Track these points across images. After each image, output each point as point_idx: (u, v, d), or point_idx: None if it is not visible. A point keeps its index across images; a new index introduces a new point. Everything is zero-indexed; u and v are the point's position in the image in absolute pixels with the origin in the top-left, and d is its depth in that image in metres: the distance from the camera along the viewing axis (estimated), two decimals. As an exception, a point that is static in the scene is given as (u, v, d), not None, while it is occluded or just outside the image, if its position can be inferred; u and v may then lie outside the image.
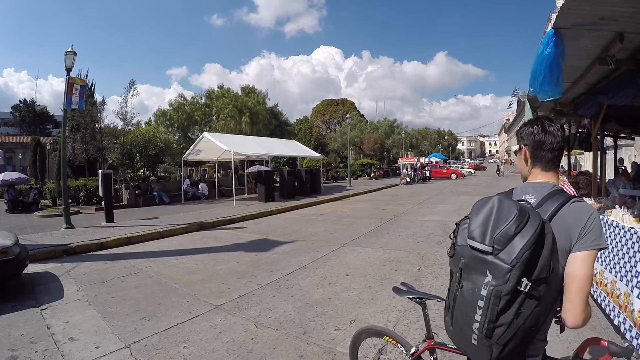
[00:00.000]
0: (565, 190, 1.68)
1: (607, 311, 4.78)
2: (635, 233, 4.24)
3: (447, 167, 50.08)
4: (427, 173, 41.86)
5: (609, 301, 4.71)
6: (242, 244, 10.01)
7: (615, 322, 4.44)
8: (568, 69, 4.83)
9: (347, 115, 39.59)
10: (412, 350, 2.53)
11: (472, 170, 54.12)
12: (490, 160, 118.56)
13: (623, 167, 11.45)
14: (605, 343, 1.70)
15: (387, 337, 2.76)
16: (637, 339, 3.76)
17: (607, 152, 9.05)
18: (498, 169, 48.42)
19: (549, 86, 3.67)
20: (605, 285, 4.88)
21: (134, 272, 7.39)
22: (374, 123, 64.91)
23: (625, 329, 4.12)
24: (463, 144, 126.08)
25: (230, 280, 6.70)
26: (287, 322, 4.92)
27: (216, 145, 19.79)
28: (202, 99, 41.05)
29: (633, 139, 12.47)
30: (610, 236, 4.99)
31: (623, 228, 4.61)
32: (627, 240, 4.45)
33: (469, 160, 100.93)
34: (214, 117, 39.32)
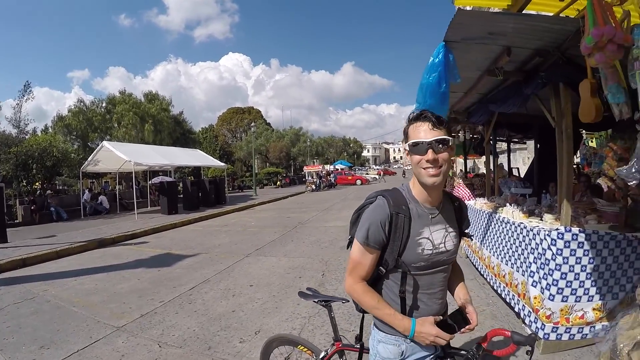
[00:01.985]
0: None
1: (507, 300, 5.22)
2: (525, 227, 4.69)
3: (352, 173, 51.40)
4: (333, 180, 42.71)
5: (508, 291, 5.14)
6: (144, 259, 9.57)
7: (516, 310, 4.85)
8: (461, 79, 5.11)
9: (252, 124, 39.05)
10: (322, 354, 2.58)
11: (377, 176, 55.88)
12: (394, 166, 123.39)
13: (516, 168, 12.42)
14: (509, 333, 1.84)
15: (298, 346, 2.79)
16: (536, 323, 4.14)
17: (498, 155, 9.78)
18: (404, 173, 50.81)
19: (433, 99, 3.75)
20: (504, 277, 5.33)
21: (30, 297, 6.77)
22: (280, 131, 65.21)
23: (525, 314, 4.52)
24: (368, 151, 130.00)
25: (131, 299, 6.40)
26: (191, 339, 4.78)
27: (117, 155, 18.42)
28: (102, 104, 38.55)
29: (525, 143, 13.59)
30: (502, 231, 5.48)
31: (514, 224, 5.08)
32: (518, 234, 4.91)
33: (374, 166, 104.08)
34: (115, 125, 37.12)
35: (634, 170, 2.68)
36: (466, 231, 2.02)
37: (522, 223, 4.83)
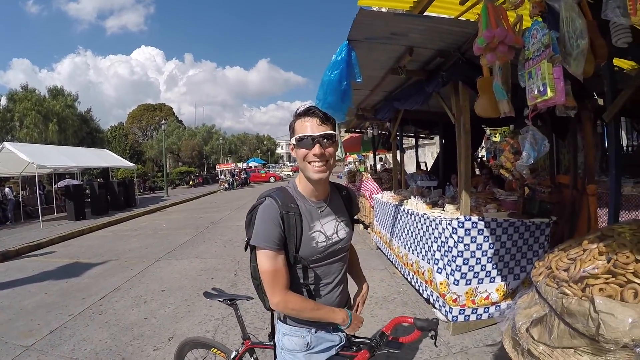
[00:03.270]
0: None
1: (416, 287, 5.49)
2: (428, 218, 4.97)
3: (266, 171, 51.20)
4: (246, 178, 42.31)
5: (417, 278, 5.41)
6: (51, 271, 8.84)
7: (425, 295, 5.14)
8: (365, 78, 5.10)
9: (163, 122, 37.32)
10: (233, 354, 2.58)
11: (291, 173, 56.03)
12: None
13: (424, 162, 13.00)
14: (412, 320, 1.95)
15: (211, 348, 2.78)
16: (444, 307, 4.44)
17: (405, 150, 10.16)
18: None
19: (334, 97, 3.80)
20: (412, 265, 5.62)
21: None
22: (192, 129, 62.75)
23: (433, 299, 4.82)
24: (282, 148, 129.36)
25: (39, 315, 5.90)
26: (104, 351, 4.53)
27: (19, 157, 16.71)
28: (0, 100, 34.49)
29: (432, 138, 14.26)
30: (408, 222, 5.76)
31: (418, 215, 5.36)
32: (422, 224, 5.19)
33: (288, 163, 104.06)
34: (17, 124, 33.64)
35: (524, 163, 2.94)
36: (356, 217, 2.13)
37: (425, 214, 5.11)
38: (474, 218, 4.27)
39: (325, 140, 1.75)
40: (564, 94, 2.44)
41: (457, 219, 4.27)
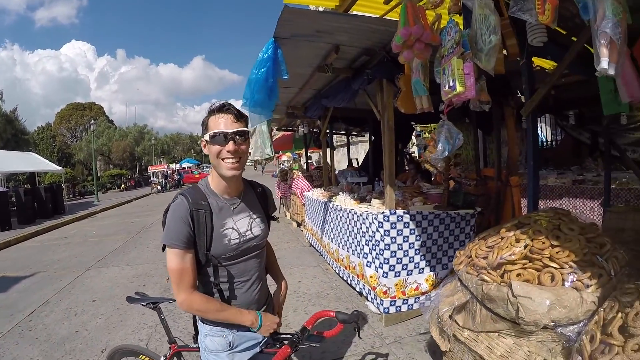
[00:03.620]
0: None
1: (349, 281, 5.57)
2: (355, 213, 5.06)
3: (199, 171, 50.13)
4: (179, 179, 41.31)
5: (349, 273, 5.50)
6: None
7: (358, 289, 5.22)
8: (294, 75, 5.21)
9: (92, 122, 35.25)
10: None
11: (227, 172, 55.11)
12: (248, 162, 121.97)
13: (355, 159, 13.20)
14: (333, 314, 2.01)
15: (140, 355, 2.73)
16: (376, 299, 4.53)
17: (335, 147, 10.26)
18: (255, 168, 51.01)
19: (261, 94, 3.82)
20: (342, 261, 5.70)
21: None
22: (123, 129, 59.49)
23: (365, 293, 4.91)
24: None
25: None
26: None
27: None
28: None
29: (364, 135, 14.48)
30: (337, 219, 5.84)
31: (346, 210, 5.45)
32: (350, 220, 5.28)
33: None
34: None
35: (439, 156, 3.04)
36: (273, 215, 2.16)
37: (353, 209, 5.19)
38: (399, 211, 4.38)
39: (239, 137, 1.77)
40: (474, 89, 2.54)
41: (383, 213, 4.37)
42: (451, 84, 2.58)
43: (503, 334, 2.43)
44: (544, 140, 11.22)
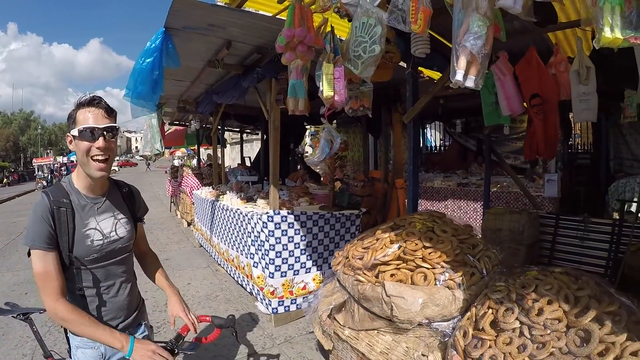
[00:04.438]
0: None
1: (239, 282, 5.50)
2: (241, 213, 5.03)
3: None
4: (66, 174, 38.29)
5: (239, 274, 5.42)
6: None
7: (248, 290, 5.17)
8: (185, 68, 5.08)
9: None
10: None
11: (117, 168, 52.16)
12: (138, 157, 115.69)
13: (248, 157, 13.10)
14: (209, 318, 1.97)
15: None
16: (265, 300, 4.51)
17: (227, 145, 10.13)
18: (148, 165, 48.68)
19: (144, 86, 3.68)
20: (233, 261, 5.61)
21: None
22: (7, 115, 52.82)
23: (255, 293, 4.87)
24: None
25: None
26: None
27: None
28: None
29: (258, 133, 14.42)
30: (225, 218, 5.76)
31: (232, 210, 5.40)
32: (237, 219, 5.23)
33: (116, 158, 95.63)
34: None
35: (316, 159, 3.10)
36: (139, 216, 2.05)
37: (239, 209, 5.16)
38: (283, 212, 4.41)
39: (109, 133, 1.67)
40: (343, 94, 2.60)
41: (267, 213, 4.37)
42: (321, 88, 2.64)
43: (382, 331, 2.54)
44: (433, 145, 12.01)
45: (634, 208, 5.66)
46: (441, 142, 11.82)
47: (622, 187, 6.53)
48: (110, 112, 1.71)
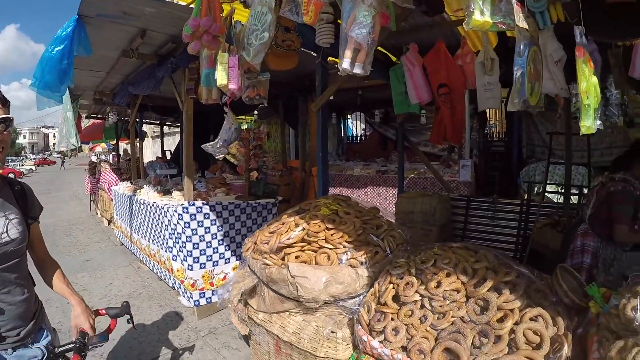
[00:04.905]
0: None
1: (162, 277, 5.42)
2: (158, 206, 4.96)
3: (2, 166, 43.67)
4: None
5: (161, 268, 5.33)
6: None
7: (170, 284, 5.10)
8: (100, 58, 4.95)
9: None
10: None
11: (34, 167, 49.06)
12: (55, 154, 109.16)
13: (169, 150, 12.77)
14: (104, 311, 1.95)
15: None
16: (186, 293, 4.49)
17: (145, 138, 9.88)
18: (63, 163, 46.09)
19: (52, 76, 3.51)
20: (154, 256, 5.50)
21: None
22: None
23: (177, 286, 4.82)
24: (25, 137, 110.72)
25: None
26: None
27: None
28: None
29: (179, 125, 14.05)
30: (144, 213, 5.64)
31: (149, 204, 5.31)
32: (154, 213, 5.15)
33: (32, 156, 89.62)
34: None
35: (219, 146, 3.12)
36: (32, 215, 1.91)
37: (155, 202, 5.08)
38: (198, 203, 4.39)
39: (1, 124, 1.58)
40: (236, 82, 2.65)
41: (182, 204, 4.34)
42: (216, 77, 2.67)
43: (293, 312, 2.61)
44: (355, 135, 12.25)
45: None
46: (363, 131, 12.15)
47: (533, 171, 7.12)
48: (4, 103, 1.62)
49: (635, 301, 1.67)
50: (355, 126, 12.53)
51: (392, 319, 2.18)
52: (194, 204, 4.33)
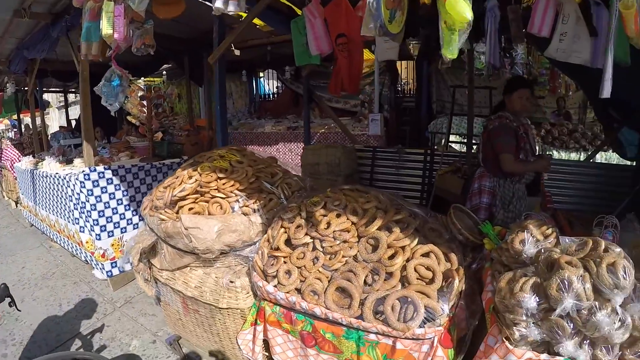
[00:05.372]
0: None
1: (74, 252, 5.16)
2: (59, 177, 4.71)
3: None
4: None
5: (71, 243, 5.07)
6: None
7: (82, 258, 4.87)
8: None
9: None
10: None
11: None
12: None
13: (74, 120, 12.09)
14: None
15: None
16: (98, 264, 4.31)
17: (46, 108, 9.31)
18: None
19: None
20: (64, 231, 5.22)
21: None
22: None
23: (89, 260, 4.59)
24: None
25: None
26: None
27: None
28: None
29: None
30: (47, 186, 5.32)
31: (51, 175, 5.03)
32: (57, 185, 4.88)
33: None
34: None
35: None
36: None
37: (57, 173, 4.81)
38: (100, 168, 4.20)
39: None
40: (122, 32, 2.57)
41: (83, 171, 4.12)
42: (100, 27, 2.56)
43: (193, 267, 2.61)
44: (267, 93, 12.27)
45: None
46: (276, 89, 12.15)
47: (440, 124, 7.46)
48: None
49: (522, 235, 1.81)
50: (269, 84, 12.44)
51: (285, 262, 2.22)
52: (95, 170, 4.12)
